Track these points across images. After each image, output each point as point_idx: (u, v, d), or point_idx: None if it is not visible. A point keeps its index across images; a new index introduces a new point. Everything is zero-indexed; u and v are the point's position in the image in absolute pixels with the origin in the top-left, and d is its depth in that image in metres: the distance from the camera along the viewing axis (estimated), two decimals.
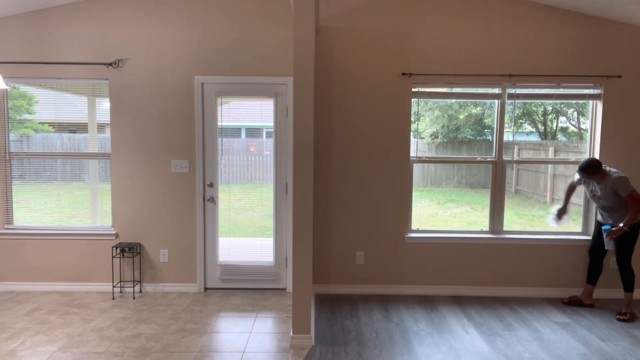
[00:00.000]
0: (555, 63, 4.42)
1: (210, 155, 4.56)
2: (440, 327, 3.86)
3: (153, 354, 3.33)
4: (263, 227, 4.67)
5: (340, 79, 4.46)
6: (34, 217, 4.67)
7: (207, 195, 4.60)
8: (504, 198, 4.60)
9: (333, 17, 4.41)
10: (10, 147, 4.61)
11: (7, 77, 4.46)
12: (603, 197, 4.06)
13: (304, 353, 3.37)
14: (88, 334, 3.63)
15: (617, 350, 3.49)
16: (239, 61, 4.45)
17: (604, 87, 4.44)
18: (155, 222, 4.58)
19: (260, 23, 4.42)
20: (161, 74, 4.45)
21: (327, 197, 4.57)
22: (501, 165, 4.58)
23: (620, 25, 4.38)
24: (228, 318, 4.00)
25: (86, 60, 4.43)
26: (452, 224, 4.91)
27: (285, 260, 4.66)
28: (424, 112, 4.84)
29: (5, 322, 3.86)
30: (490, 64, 4.43)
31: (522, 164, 4.91)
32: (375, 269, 4.62)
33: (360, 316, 4.07)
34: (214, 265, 4.66)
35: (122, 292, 4.60)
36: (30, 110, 4.62)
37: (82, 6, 4.39)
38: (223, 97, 4.52)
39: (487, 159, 4.60)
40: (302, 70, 3.29)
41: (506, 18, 4.39)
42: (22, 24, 4.40)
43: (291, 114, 4.44)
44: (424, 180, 4.96)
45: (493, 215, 4.63)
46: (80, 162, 4.64)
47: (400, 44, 4.42)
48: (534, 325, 3.91)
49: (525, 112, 4.90)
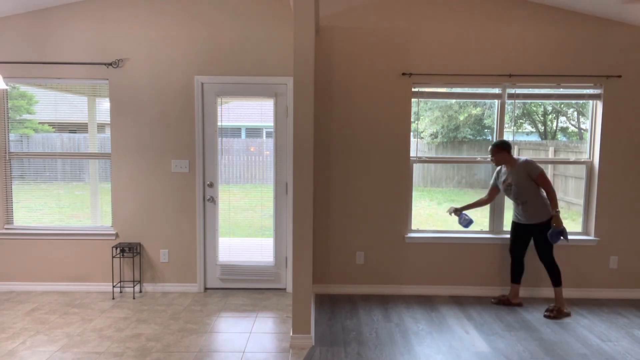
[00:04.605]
0: (555, 63, 4.42)
1: (210, 155, 4.56)
2: (440, 327, 3.86)
3: (153, 354, 3.33)
4: (263, 227, 4.67)
5: (340, 79, 4.46)
6: (34, 217, 4.67)
7: (207, 195, 4.60)
8: (504, 198, 4.60)
9: (333, 17, 4.41)
10: (10, 147, 4.61)
11: (7, 77, 4.46)
12: (515, 184, 4.07)
13: (304, 353, 3.37)
14: (88, 334, 3.63)
15: (617, 350, 3.49)
16: (239, 61, 4.45)
17: (604, 87, 4.44)
18: (155, 222, 4.58)
19: (261, 23, 4.42)
20: (161, 74, 4.45)
21: (327, 197, 4.57)
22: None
23: (620, 25, 4.38)
24: (228, 318, 4.00)
25: (86, 60, 4.43)
26: (452, 224, 4.91)
27: (285, 260, 4.66)
28: (424, 112, 4.84)
29: (5, 322, 3.86)
30: (490, 64, 4.43)
31: None
32: (375, 269, 4.63)
33: (360, 316, 4.07)
34: (214, 265, 4.66)
35: (122, 292, 4.60)
36: (30, 110, 4.62)
37: (82, 6, 4.39)
38: (223, 97, 4.52)
39: (487, 159, 4.60)
40: (302, 70, 3.29)
41: (506, 18, 4.39)
42: (22, 24, 4.40)
43: (291, 114, 4.44)
44: (424, 180, 4.96)
45: (493, 215, 4.63)
46: (80, 162, 4.64)
47: (400, 44, 4.42)
48: (534, 325, 3.91)
49: (525, 112, 4.90)
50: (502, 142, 4.12)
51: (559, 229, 3.95)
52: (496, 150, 4.12)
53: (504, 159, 4.13)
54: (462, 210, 4.33)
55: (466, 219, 4.26)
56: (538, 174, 4.01)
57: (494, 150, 4.14)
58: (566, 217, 4.48)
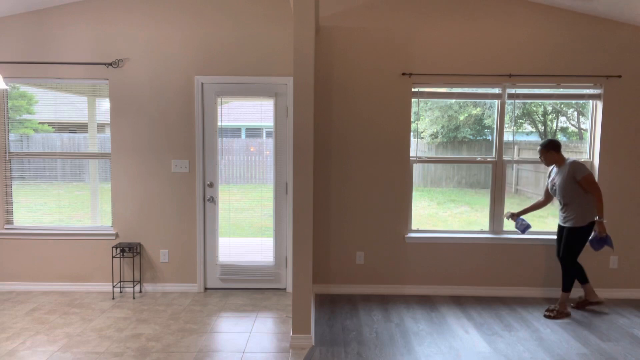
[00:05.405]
0: (555, 63, 4.42)
1: (210, 155, 4.56)
2: (440, 327, 3.86)
3: (153, 354, 3.33)
4: (263, 227, 4.67)
5: (340, 79, 4.46)
6: (34, 217, 4.67)
7: (207, 195, 4.60)
8: (504, 198, 4.60)
9: (333, 17, 4.41)
10: (10, 147, 4.60)
11: (7, 77, 4.46)
12: (558, 185, 4.01)
13: (304, 353, 3.37)
14: (88, 334, 3.63)
15: (617, 350, 3.49)
16: (239, 61, 4.45)
17: (604, 87, 4.44)
18: (155, 222, 4.58)
19: (261, 23, 4.42)
20: (161, 74, 4.45)
21: (327, 197, 4.57)
22: (501, 165, 4.58)
23: (620, 25, 4.38)
24: (228, 318, 4.00)
25: (86, 60, 4.43)
26: (452, 224, 4.91)
27: (285, 260, 4.66)
28: (424, 113, 4.84)
29: (5, 322, 3.86)
30: (490, 64, 4.43)
31: (522, 164, 4.91)
32: (375, 269, 4.63)
33: (360, 316, 4.07)
34: (214, 265, 4.66)
35: (122, 292, 4.60)
36: (30, 110, 4.62)
37: (82, 6, 4.39)
38: (223, 97, 4.52)
39: (487, 159, 4.60)
40: (302, 70, 3.29)
41: (506, 18, 4.39)
42: (22, 24, 4.40)
43: (291, 114, 4.44)
44: (424, 180, 4.95)
45: (493, 215, 4.63)
46: (80, 162, 4.64)
47: (400, 44, 4.42)
48: (534, 325, 3.92)
49: (525, 112, 4.90)
50: (550, 141, 4.03)
51: (601, 236, 3.86)
52: (544, 150, 4.05)
53: (552, 159, 4.05)
54: (519, 215, 4.27)
55: (523, 223, 4.21)
56: (582, 177, 3.88)
57: (541, 150, 4.06)
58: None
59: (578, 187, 3.94)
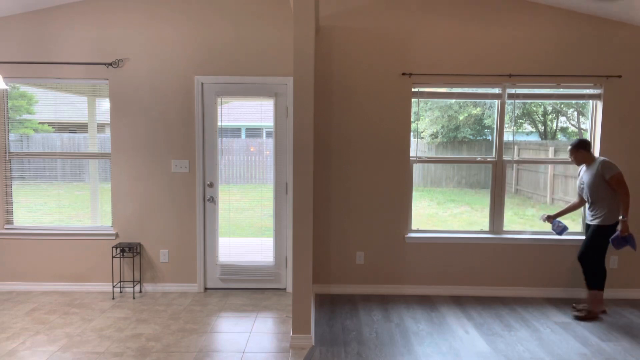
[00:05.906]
0: (555, 63, 4.42)
1: (210, 155, 4.56)
2: (440, 327, 3.86)
3: (153, 354, 3.33)
4: (263, 227, 4.67)
5: (340, 79, 4.46)
6: (34, 217, 4.67)
7: (207, 195, 4.60)
8: (504, 198, 4.60)
9: (333, 17, 4.41)
10: (10, 147, 4.61)
11: (7, 77, 4.46)
12: (588, 183, 3.98)
13: (304, 353, 3.37)
14: (88, 334, 3.63)
15: (617, 350, 3.49)
16: (239, 61, 4.45)
17: (604, 87, 4.44)
18: (155, 222, 4.58)
19: (261, 23, 4.42)
20: (161, 74, 4.45)
21: (327, 197, 4.57)
22: (501, 165, 4.58)
23: (620, 25, 4.38)
24: (228, 318, 4.00)
25: (86, 60, 4.43)
26: (452, 224, 4.91)
27: (285, 260, 4.66)
28: (424, 112, 4.84)
29: (5, 322, 3.86)
30: (490, 64, 4.43)
31: (522, 164, 4.91)
32: (375, 269, 4.63)
33: (360, 316, 4.07)
34: (214, 265, 4.66)
35: (122, 292, 4.60)
36: (30, 110, 4.62)
37: (82, 6, 4.39)
38: (223, 97, 4.52)
39: (487, 159, 4.60)
40: (302, 70, 3.29)
41: (506, 18, 4.39)
42: (22, 24, 4.40)
43: (291, 114, 4.44)
44: (424, 180, 4.96)
45: (493, 215, 4.63)
46: (80, 162, 4.64)
47: (400, 44, 4.42)
48: (534, 325, 3.92)
49: (525, 112, 4.90)
50: (580, 141, 4.00)
51: (623, 235, 3.83)
52: (574, 150, 4.03)
53: (582, 158, 4.03)
54: (555, 217, 4.25)
55: (560, 225, 4.18)
56: (611, 176, 3.85)
57: (571, 150, 4.05)
58: (566, 217, 4.47)
59: (607, 185, 3.90)
